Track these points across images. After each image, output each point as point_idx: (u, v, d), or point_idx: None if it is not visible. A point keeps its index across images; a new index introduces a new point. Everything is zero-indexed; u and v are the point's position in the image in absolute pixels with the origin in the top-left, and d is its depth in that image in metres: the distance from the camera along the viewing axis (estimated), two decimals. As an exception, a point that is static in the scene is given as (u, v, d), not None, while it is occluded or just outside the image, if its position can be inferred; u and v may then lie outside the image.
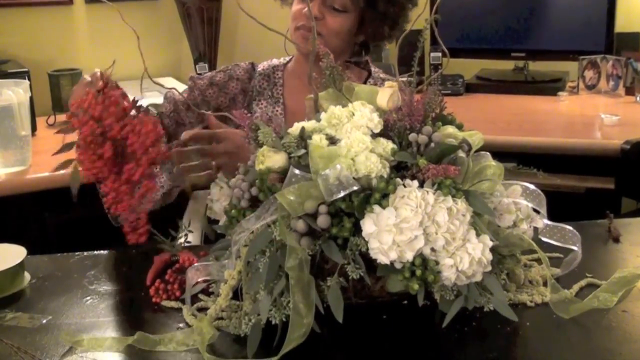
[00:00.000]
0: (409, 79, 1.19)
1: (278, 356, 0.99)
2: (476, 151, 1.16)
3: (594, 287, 1.23)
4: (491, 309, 1.09)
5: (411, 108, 1.14)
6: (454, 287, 1.07)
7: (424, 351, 1.08)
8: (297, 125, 1.16)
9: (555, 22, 3.00)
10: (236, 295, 1.13)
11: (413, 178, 1.07)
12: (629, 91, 2.87)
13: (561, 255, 1.29)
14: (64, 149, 1.21)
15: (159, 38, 3.04)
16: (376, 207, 1.03)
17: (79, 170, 1.18)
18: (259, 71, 1.80)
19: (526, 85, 3.05)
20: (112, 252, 1.44)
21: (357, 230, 1.04)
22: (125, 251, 1.42)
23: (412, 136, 1.10)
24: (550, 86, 3.01)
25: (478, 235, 1.06)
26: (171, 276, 1.24)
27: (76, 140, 1.18)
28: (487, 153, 1.18)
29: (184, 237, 1.33)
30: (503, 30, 3.07)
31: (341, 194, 1.02)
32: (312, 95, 1.25)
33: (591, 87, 2.97)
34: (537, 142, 2.38)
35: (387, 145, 1.11)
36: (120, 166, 1.15)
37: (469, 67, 3.17)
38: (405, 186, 1.06)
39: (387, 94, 1.16)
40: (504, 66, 3.20)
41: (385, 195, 1.05)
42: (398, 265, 1.04)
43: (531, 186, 1.19)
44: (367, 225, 1.03)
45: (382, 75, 1.81)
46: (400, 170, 1.11)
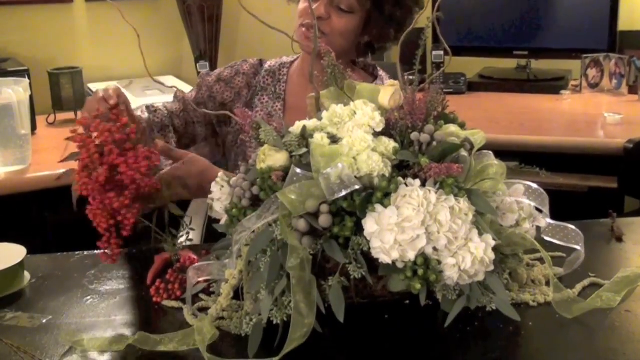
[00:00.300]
0: (411, 77, 1.19)
1: (279, 356, 0.99)
2: (478, 150, 1.16)
3: (597, 287, 1.22)
4: (494, 308, 1.09)
5: (413, 107, 1.14)
6: (456, 287, 1.07)
7: (426, 351, 1.08)
8: (299, 124, 1.16)
9: (558, 20, 2.99)
10: (237, 295, 1.12)
11: (415, 177, 1.07)
12: (632, 90, 2.86)
13: (564, 255, 1.29)
14: (69, 158, 1.23)
15: (159, 36, 3.04)
16: (378, 206, 1.03)
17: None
18: (266, 67, 1.81)
19: (529, 84, 3.04)
20: (113, 251, 1.43)
21: (358, 229, 1.04)
22: (125, 251, 1.41)
23: (414, 135, 1.10)
24: (553, 85, 3.00)
25: (480, 234, 1.06)
26: (172, 276, 1.24)
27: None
28: (490, 152, 1.17)
29: (185, 235, 1.32)
30: (506, 29, 3.07)
31: (343, 193, 1.02)
32: (313, 93, 1.24)
33: (594, 86, 2.96)
34: (539, 140, 2.38)
35: (389, 144, 1.11)
36: (108, 191, 1.16)
37: (471, 66, 3.16)
38: (407, 185, 1.05)
39: (389, 92, 1.16)
40: (506, 65, 3.20)
41: (387, 195, 1.04)
42: (400, 265, 1.03)
43: (534, 185, 1.18)
44: (369, 225, 1.02)
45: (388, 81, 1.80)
46: (402, 169, 1.10)
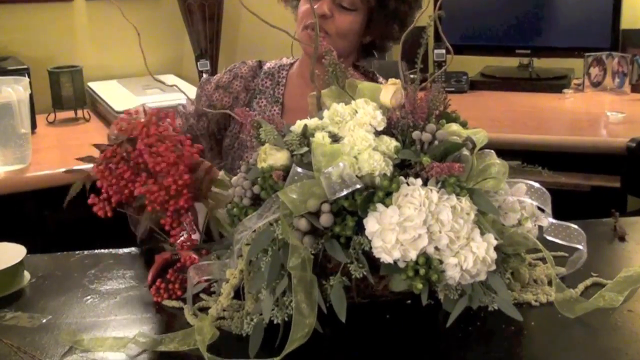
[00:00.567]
0: (412, 76, 1.19)
1: (280, 356, 0.99)
2: (480, 149, 1.15)
3: (599, 287, 1.22)
4: (495, 308, 1.08)
5: (415, 105, 1.14)
6: (458, 287, 1.07)
7: (427, 351, 1.08)
8: (300, 123, 1.16)
9: (560, 18, 2.98)
10: (238, 295, 1.12)
11: (417, 176, 1.07)
12: (635, 88, 2.86)
13: (566, 254, 1.28)
14: (86, 159, 1.23)
15: (160, 35, 3.03)
16: (379, 206, 1.03)
17: (82, 183, 1.18)
18: (264, 70, 1.79)
19: (531, 83, 3.04)
20: (113, 251, 1.43)
21: (360, 228, 1.04)
22: (126, 250, 1.42)
23: (416, 134, 1.10)
24: (555, 83, 3.00)
25: (482, 234, 1.06)
26: (172, 275, 1.23)
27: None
28: (492, 151, 1.17)
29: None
30: (507, 27, 3.06)
31: (344, 193, 1.02)
32: (314, 92, 1.24)
33: (597, 85, 2.96)
34: (542, 139, 2.37)
35: (391, 143, 1.11)
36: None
37: (473, 64, 3.15)
38: (408, 184, 1.05)
39: (390, 91, 1.16)
40: (508, 63, 3.19)
41: (389, 194, 1.04)
42: (401, 264, 1.03)
43: (536, 184, 1.18)
44: (370, 224, 1.02)
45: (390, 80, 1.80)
46: (403, 168, 1.10)
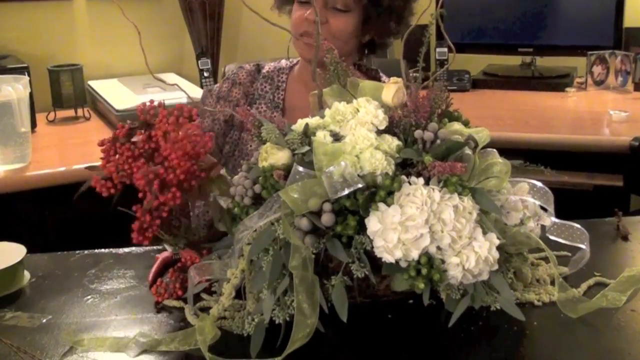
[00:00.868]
0: (414, 74, 1.18)
1: (282, 356, 0.99)
2: (483, 148, 1.15)
3: (602, 286, 1.22)
4: (498, 308, 1.08)
5: (417, 104, 1.14)
6: (460, 286, 1.07)
7: (429, 351, 1.08)
8: (301, 122, 1.16)
9: (563, 17, 2.98)
10: (239, 295, 1.12)
11: (419, 175, 1.07)
12: (638, 87, 2.85)
13: (569, 254, 1.28)
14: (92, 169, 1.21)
15: (160, 33, 3.03)
16: (381, 205, 1.03)
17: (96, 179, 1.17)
18: (263, 73, 1.77)
19: (533, 81, 3.03)
20: (113, 250, 1.42)
21: (361, 228, 1.04)
22: (126, 250, 1.42)
23: (418, 133, 1.10)
24: (558, 82, 2.99)
25: (485, 233, 1.05)
26: (173, 275, 1.23)
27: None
28: (494, 150, 1.17)
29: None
30: (510, 25, 3.05)
31: (346, 192, 1.02)
32: (316, 91, 1.24)
33: (599, 83, 2.95)
34: (544, 138, 2.37)
35: (393, 142, 1.11)
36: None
37: (476, 63, 3.15)
38: (410, 184, 1.05)
39: (392, 90, 1.16)
40: (511, 62, 3.18)
41: (391, 193, 1.04)
42: (403, 264, 1.03)
43: (538, 183, 1.18)
44: (372, 223, 1.02)
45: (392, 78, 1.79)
46: (405, 167, 1.10)
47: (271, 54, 1.85)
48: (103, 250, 1.43)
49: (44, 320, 1.16)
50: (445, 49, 2.98)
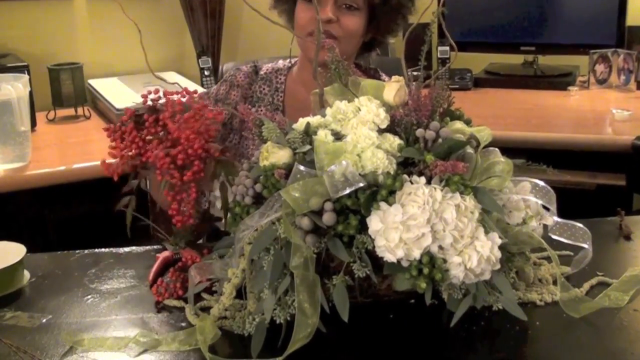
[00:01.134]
0: (416, 73, 1.18)
1: (283, 357, 0.98)
2: (485, 147, 1.15)
3: (604, 286, 1.22)
4: (500, 308, 1.08)
5: (418, 103, 1.14)
6: (462, 286, 1.07)
7: (431, 351, 1.07)
8: (302, 121, 1.15)
9: (565, 15, 2.97)
10: (240, 294, 1.12)
11: (420, 174, 1.06)
12: (640, 85, 2.85)
13: (571, 253, 1.28)
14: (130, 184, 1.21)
15: (161, 31, 3.02)
16: (383, 204, 1.02)
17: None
18: (261, 75, 1.76)
19: (536, 80, 3.03)
20: (114, 250, 1.42)
21: (363, 227, 1.04)
22: (126, 249, 1.41)
23: (420, 132, 1.09)
24: (560, 81, 2.98)
25: (487, 232, 1.05)
26: (173, 274, 1.23)
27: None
28: (496, 149, 1.17)
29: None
30: (512, 24, 3.05)
31: (347, 191, 1.02)
32: (317, 90, 1.24)
33: (602, 82, 2.94)
34: (546, 137, 2.37)
35: (394, 141, 1.10)
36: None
37: (478, 62, 3.15)
38: (412, 183, 1.05)
39: (393, 88, 1.16)
40: (513, 60, 3.18)
41: (392, 192, 1.04)
42: (405, 264, 1.02)
43: (541, 183, 1.18)
44: (374, 223, 1.02)
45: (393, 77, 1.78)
46: (407, 166, 1.10)
47: (272, 52, 1.85)
48: (103, 249, 1.42)
49: (44, 320, 1.16)
50: (447, 48, 2.98)
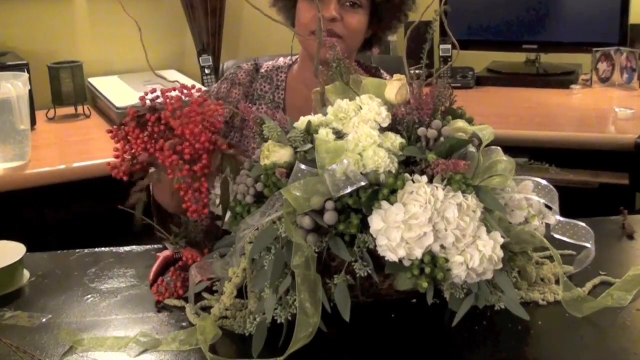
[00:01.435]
0: (418, 71, 1.18)
1: (284, 356, 0.98)
2: (487, 146, 1.15)
3: (607, 286, 1.22)
4: (502, 307, 1.07)
5: (420, 102, 1.13)
6: (464, 286, 1.06)
7: (433, 351, 1.07)
8: (304, 120, 1.15)
9: (568, 13, 2.97)
10: (241, 294, 1.11)
11: (422, 173, 1.06)
12: (643, 84, 2.84)
13: (574, 253, 1.28)
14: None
15: (161, 30, 3.02)
16: (384, 204, 1.02)
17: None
18: (261, 73, 1.75)
19: (538, 79, 3.02)
20: (114, 249, 1.42)
21: (364, 227, 1.03)
22: (127, 249, 1.41)
23: (422, 131, 1.09)
24: (563, 79, 2.98)
25: (489, 232, 1.05)
26: (174, 274, 1.23)
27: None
28: (498, 148, 1.17)
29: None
30: (514, 22, 3.04)
31: (348, 190, 1.01)
32: (319, 88, 1.23)
33: (605, 80, 2.93)
34: (549, 136, 2.36)
35: (396, 140, 1.10)
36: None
37: (480, 60, 3.14)
38: (414, 182, 1.04)
39: (395, 87, 1.16)
40: (515, 59, 3.17)
41: (394, 191, 1.03)
42: (407, 263, 1.02)
43: (543, 182, 1.17)
44: (375, 222, 1.01)
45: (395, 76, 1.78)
46: (409, 165, 1.10)
47: (273, 50, 1.84)
48: (103, 249, 1.42)
49: (44, 320, 1.15)
50: (449, 46, 2.97)
